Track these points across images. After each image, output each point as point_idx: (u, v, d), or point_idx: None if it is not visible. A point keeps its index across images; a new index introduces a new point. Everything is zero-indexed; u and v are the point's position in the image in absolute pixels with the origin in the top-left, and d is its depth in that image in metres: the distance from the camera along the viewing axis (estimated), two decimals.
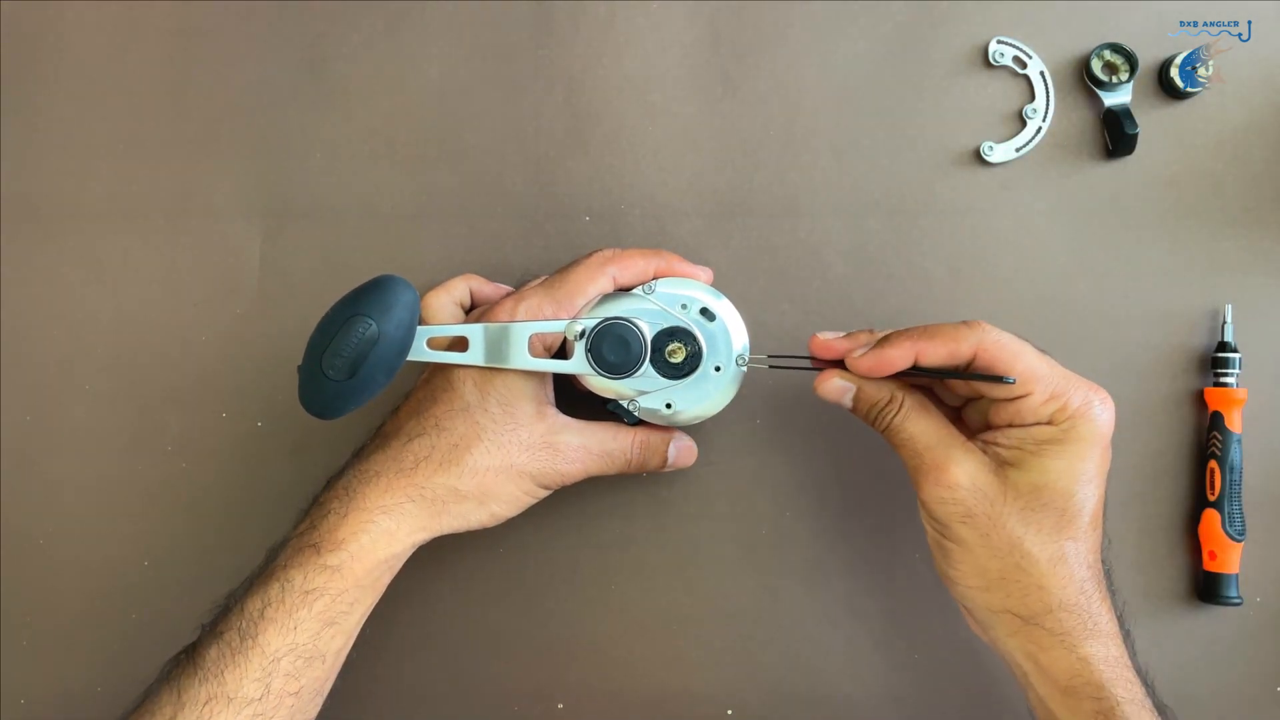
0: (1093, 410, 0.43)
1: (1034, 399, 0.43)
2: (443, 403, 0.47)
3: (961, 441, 0.44)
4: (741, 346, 0.48)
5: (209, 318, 0.57)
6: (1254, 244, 0.55)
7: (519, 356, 0.46)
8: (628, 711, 0.54)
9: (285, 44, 0.58)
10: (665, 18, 0.57)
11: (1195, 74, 0.54)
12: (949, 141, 0.56)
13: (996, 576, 0.43)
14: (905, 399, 0.45)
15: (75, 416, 0.57)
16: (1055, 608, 0.43)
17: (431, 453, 0.46)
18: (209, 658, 0.43)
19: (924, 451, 0.44)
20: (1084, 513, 0.43)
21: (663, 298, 0.47)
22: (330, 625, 0.44)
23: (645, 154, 0.57)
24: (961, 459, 0.44)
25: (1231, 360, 0.53)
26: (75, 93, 0.58)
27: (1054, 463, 0.42)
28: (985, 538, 0.43)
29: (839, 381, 0.46)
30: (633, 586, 0.55)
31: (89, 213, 0.58)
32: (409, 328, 0.45)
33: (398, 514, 0.45)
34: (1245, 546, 0.52)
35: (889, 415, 0.45)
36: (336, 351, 0.43)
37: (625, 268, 0.48)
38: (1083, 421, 0.42)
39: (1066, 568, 0.43)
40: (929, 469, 0.44)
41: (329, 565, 0.44)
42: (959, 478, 0.43)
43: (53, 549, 0.56)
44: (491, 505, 0.47)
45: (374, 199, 0.57)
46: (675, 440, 0.50)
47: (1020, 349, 0.43)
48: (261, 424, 0.56)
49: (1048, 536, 0.42)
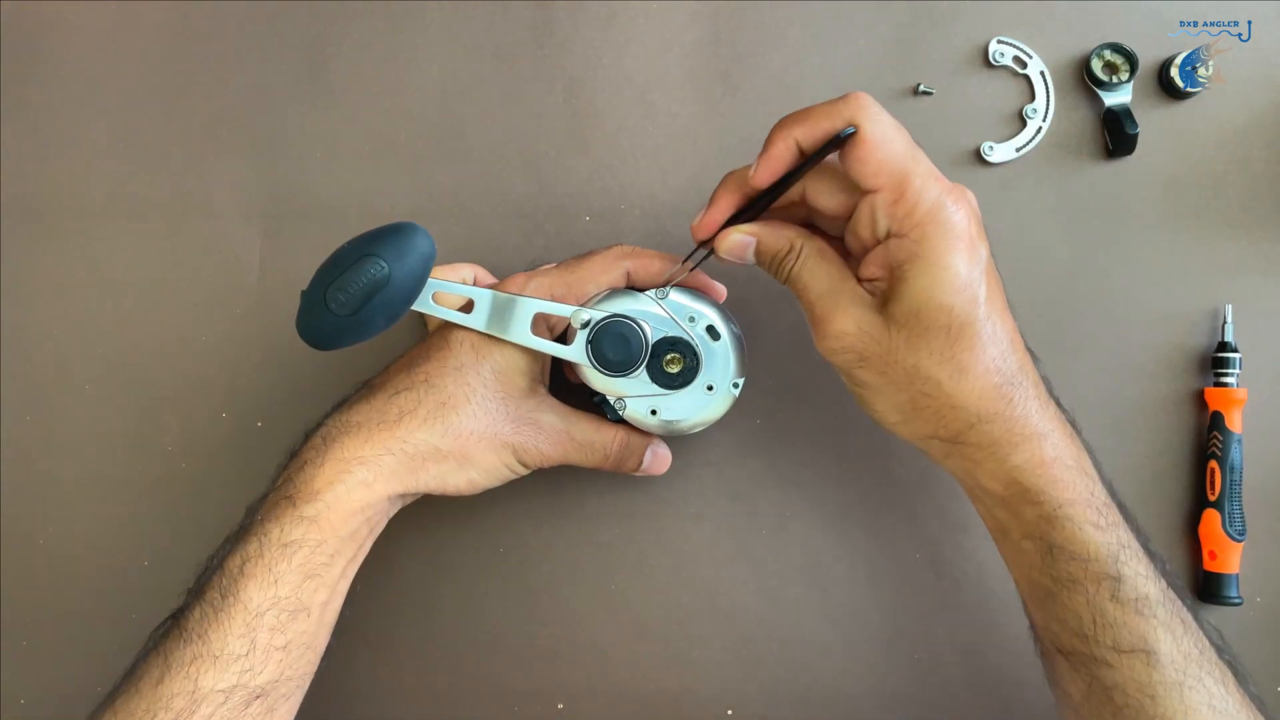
0: (944, 212, 0.40)
1: (881, 198, 0.40)
2: (436, 360, 0.46)
3: (851, 287, 0.43)
4: (738, 374, 0.48)
5: (209, 318, 0.57)
6: (1254, 244, 0.55)
7: (519, 331, 0.46)
8: (628, 711, 0.54)
9: (285, 44, 0.58)
10: (665, 18, 0.57)
11: (1195, 74, 0.54)
12: (949, 141, 0.56)
13: (909, 408, 0.43)
14: (804, 246, 0.44)
15: (75, 416, 0.57)
16: (975, 422, 0.41)
17: (417, 408, 0.45)
18: (192, 619, 0.42)
19: (815, 301, 0.43)
20: (971, 319, 0.40)
21: (673, 306, 0.47)
22: (311, 578, 0.44)
23: (645, 154, 0.57)
24: (847, 305, 0.42)
25: (1231, 360, 0.53)
26: (75, 93, 0.58)
27: (918, 281, 0.40)
28: (884, 375, 0.42)
29: (737, 236, 0.44)
30: (633, 586, 0.55)
31: (89, 213, 0.58)
32: (420, 277, 0.44)
33: (375, 465, 0.45)
34: (1245, 546, 0.52)
35: (788, 265, 0.44)
36: (343, 286, 0.43)
37: (641, 266, 0.48)
38: (933, 226, 0.40)
39: (971, 380, 0.41)
40: (819, 320, 0.43)
41: (305, 516, 0.43)
42: (845, 325, 0.42)
43: (53, 549, 0.56)
44: (470, 471, 0.46)
45: (374, 199, 0.57)
46: (654, 445, 0.50)
47: (893, 135, 0.40)
48: (261, 424, 0.56)
49: (940, 356, 0.41)
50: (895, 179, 0.40)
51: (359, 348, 0.46)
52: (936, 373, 0.41)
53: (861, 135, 0.39)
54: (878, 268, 0.42)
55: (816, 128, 0.41)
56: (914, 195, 0.40)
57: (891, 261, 0.41)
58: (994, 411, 0.41)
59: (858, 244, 0.44)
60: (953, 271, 0.40)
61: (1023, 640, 0.54)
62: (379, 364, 0.50)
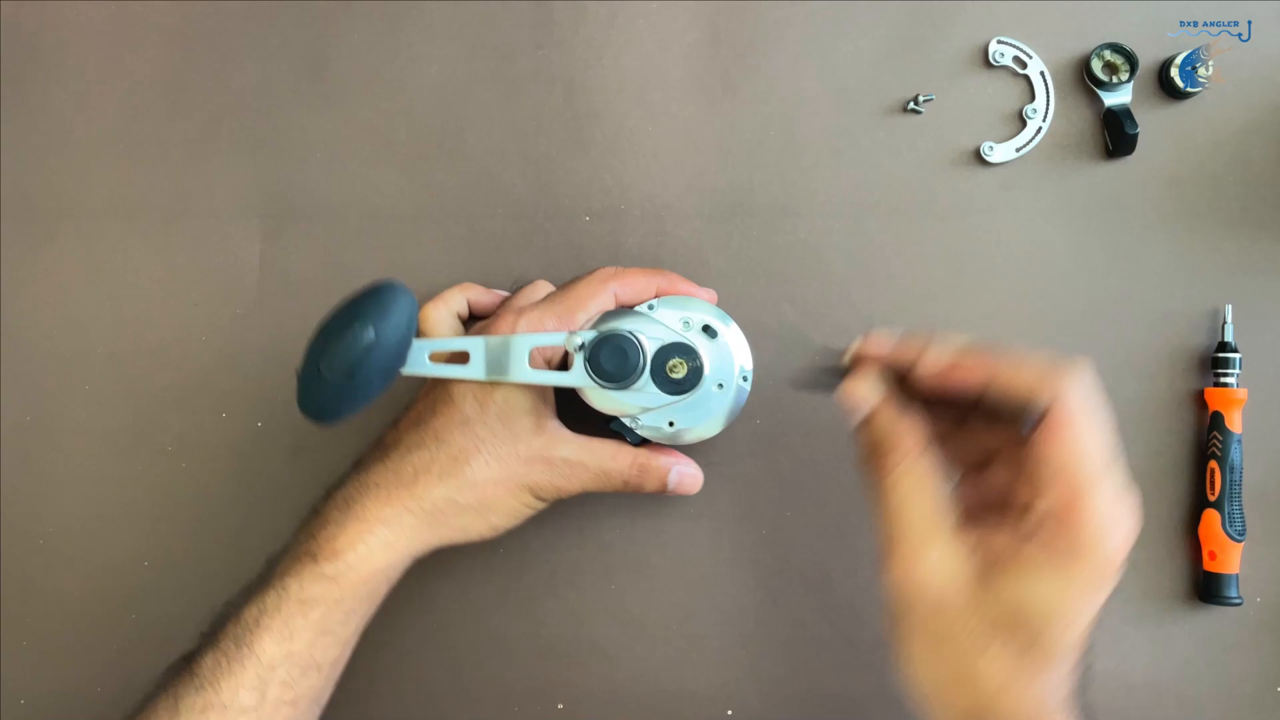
0: (1106, 549, 0.36)
1: (1047, 500, 0.36)
2: (442, 415, 0.47)
3: (948, 527, 0.39)
4: (745, 365, 0.48)
5: (209, 318, 0.57)
6: (1254, 244, 0.55)
7: (519, 370, 0.46)
8: (628, 711, 0.54)
9: (285, 44, 0.58)
10: (665, 18, 0.57)
11: (1195, 74, 0.54)
12: (949, 141, 0.56)
13: (943, 684, 0.38)
14: (913, 455, 0.40)
15: (75, 416, 0.57)
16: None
17: (431, 465, 0.46)
18: (205, 666, 0.43)
19: (904, 527, 0.39)
20: (1058, 647, 0.36)
21: (664, 314, 0.47)
22: (326, 634, 0.44)
23: (645, 154, 0.57)
24: (941, 549, 0.38)
25: (1231, 360, 0.53)
26: (75, 93, 0.58)
27: (1038, 592, 0.36)
28: (940, 642, 0.38)
29: (860, 392, 0.42)
30: (633, 586, 0.55)
31: (89, 213, 0.58)
32: (406, 334, 0.45)
33: (396, 525, 0.45)
34: (1245, 546, 0.52)
35: (888, 464, 0.40)
36: (334, 356, 0.43)
37: (627, 285, 0.48)
38: (1088, 559, 0.36)
39: (1017, 701, 0.37)
40: (901, 550, 0.39)
41: (326, 574, 0.44)
42: (930, 573, 0.38)
43: (53, 549, 0.56)
44: (490, 517, 0.47)
45: (374, 199, 0.57)
46: (679, 465, 0.50)
47: (1091, 436, 0.35)
48: (261, 424, 0.56)
49: (1008, 662, 0.36)
50: (1073, 491, 0.36)
51: None
52: (991, 675, 0.37)
53: (1055, 421, 0.36)
54: (1007, 530, 0.38)
55: (1009, 384, 0.37)
56: (1086, 519, 0.36)
57: (1019, 540, 0.37)
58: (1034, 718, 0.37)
59: (984, 488, 0.40)
60: (1077, 609, 0.36)
61: None
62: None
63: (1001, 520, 0.39)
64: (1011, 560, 0.37)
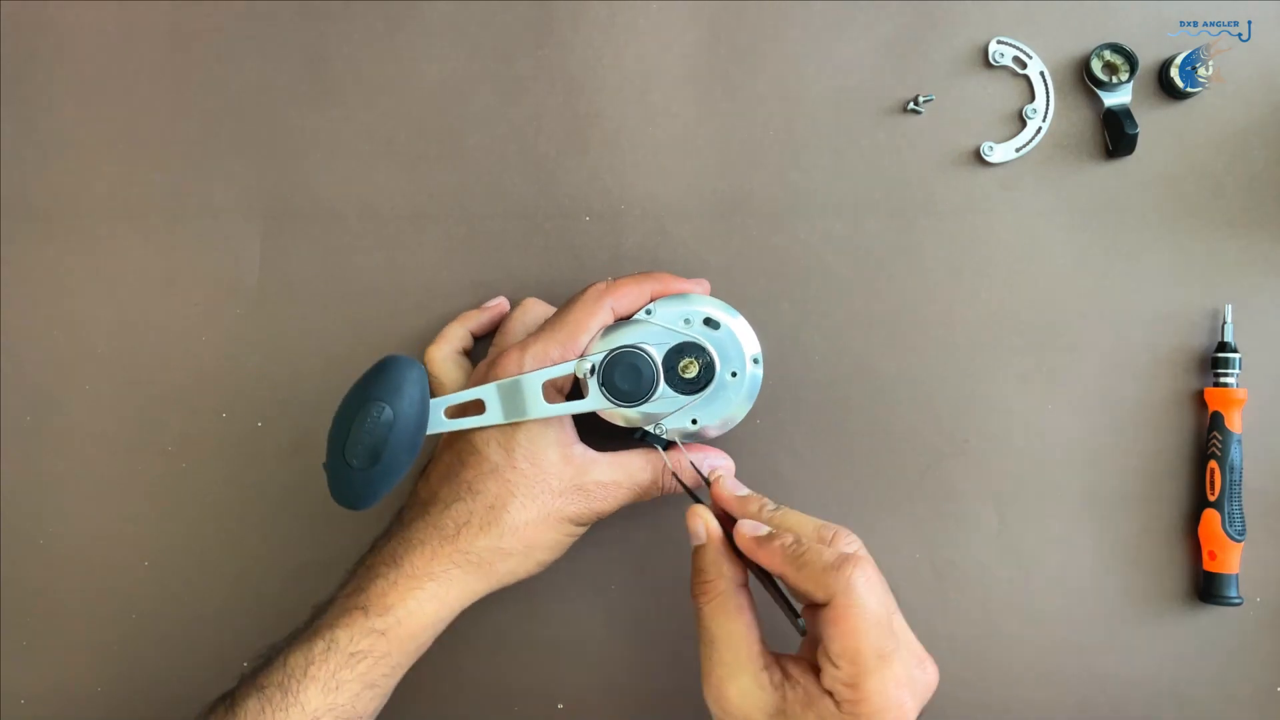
0: (885, 715, 0.39)
1: (838, 673, 0.40)
2: (471, 466, 0.47)
3: (756, 659, 0.42)
4: (754, 348, 0.48)
5: (209, 318, 0.57)
6: (1254, 244, 0.55)
7: (536, 406, 0.46)
8: (628, 711, 0.54)
9: (285, 44, 0.58)
10: (665, 18, 0.57)
11: (1195, 74, 0.54)
12: (949, 141, 0.56)
13: None
14: (726, 593, 0.43)
15: (75, 416, 0.57)
16: None
17: (470, 517, 0.46)
18: (249, 709, 0.43)
19: (717, 655, 0.43)
20: None
21: (663, 317, 0.48)
22: (370, 688, 0.45)
23: (645, 154, 0.57)
24: (748, 680, 0.42)
25: (1231, 360, 0.53)
26: (75, 93, 0.58)
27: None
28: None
29: (698, 523, 0.45)
30: (633, 586, 0.55)
31: (89, 213, 0.58)
32: (422, 403, 0.45)
33: (445, 580, 0.46)
34: (1245, 546, 0.52)
35: (702, 597, 0.44)
36: (356, 441, 0.44)
37: (621, 297, 0.48)
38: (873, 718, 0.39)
39: None
40: (714, 674, 0.43)
41: (376, 629, 0.45)
42: (739, 698, 0.42)
43: (53, 549, 0.56)
44: (536, 555, 0.48)
45: (374, 199, 0.57)
46: (709, 460, 0.50)
47: (868, 627, 0.39)
48: (261, 424, 0.56)
49: None
50: (856, 672, 0.39)
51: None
52: None
53: (834, 615, 0.39)
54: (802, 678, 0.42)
55: (795, 581, 0.41)
56: (866, 697, 0.39)
57: (821, 689, 0.40)
58: None
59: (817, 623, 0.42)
60: None
61: (1023, 640, 0.54)
62: None
63: (815, 662, 0.42)
64: (810, 707, 0.40)
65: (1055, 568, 0.54)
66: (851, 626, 0.39)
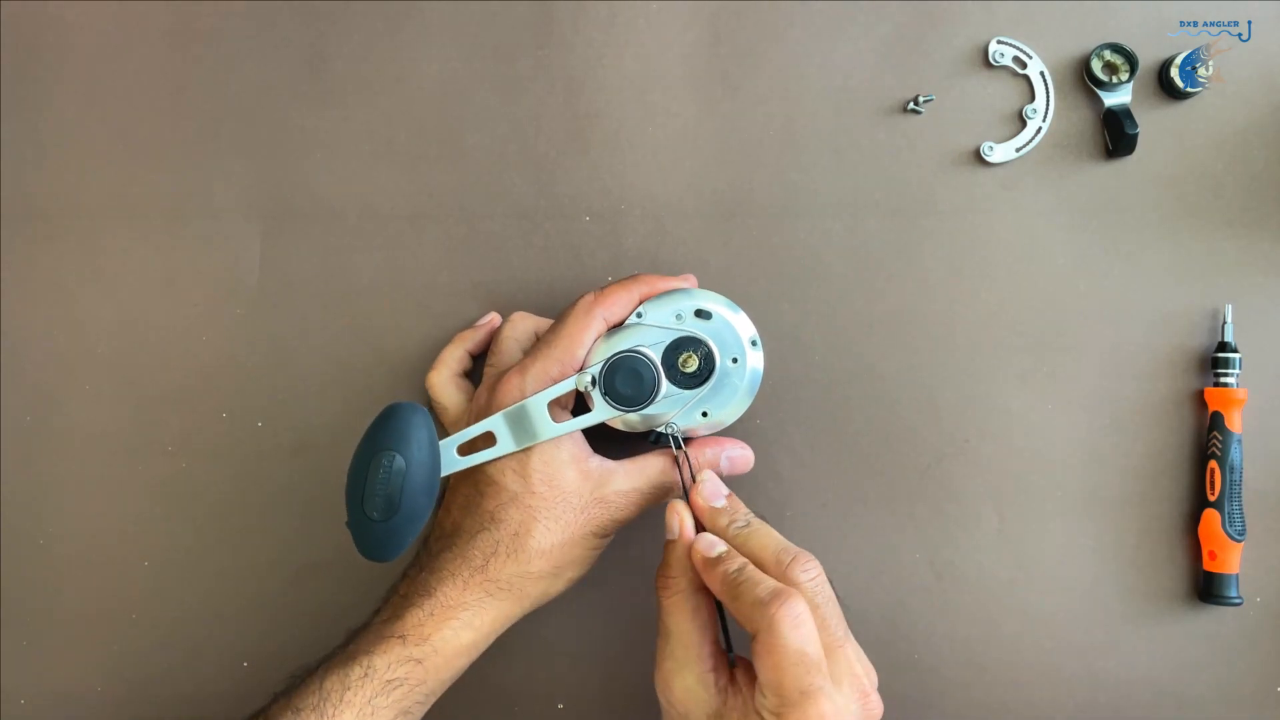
0: None
1: (764, 701, 0.40)
2: (490, 496, 0.47)
3: (706, 660, 0.43)
4: (750, 332, 0.48)
5: (209, 318, 0.57)
6: (1254, 244, 0.55)
7: (545, 428, 0.47)
8: (628, 711, 0.54)
9: (285, 44, 0.58)
10: (665, 18, 0.57)
11: (1195, 74, 0.54)
12: (949, 141, 0.56)
13: None
14: (685, 592, 0.44)
15: (75, 416, 0.57)
16: None
17: (497, 547, 0.46)
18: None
19: (669, 648, 0.44)
20: None
21: (655, 317, 0.48)
22: (404, 715, 0.45)
23: (645, 154, 0.57)
24: (694, 678, 0.43)
25: (1231, 360, 0.53)
26: (75, 93, 0.58)
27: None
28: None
29: (675, 519, 0.46)
30: (633, 586, 0.55)
31: (89, 213, 0.58)
32: (431, 445, 0.46)
33: (478, 608, 0.46)
34: (1245, 546, 0.52)
35: (664, 591, 0.45)
36: (373, 494, 0.44)
37: (611, 304, 0.48)
38: None
39: None
40: (665, 665, 0.44)
41: (413, 657, 0.45)
42: (683, 692, 0.43)
43: (53, 549, 0.56)
44: (566, 574, 0.48)
45: (374, 199, 0.57)
46: (726, 450, 0.50)
47: (791, 661, 0.39)
48: (261, 424, 0.56)
49: None
50: (782, 702, 0.39)
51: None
52: None
53: (763, 647, 0.39)
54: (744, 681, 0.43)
55: (733, 608, 0.41)
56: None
57: (756, 704, 0.41)
58: None
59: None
60: None
61: (1023, 640, 0.54)
62: None
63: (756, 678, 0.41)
64: (745, 719, 0.41)
65: (1055, 568, 0.54)
66: (775, 662, 0.39)
